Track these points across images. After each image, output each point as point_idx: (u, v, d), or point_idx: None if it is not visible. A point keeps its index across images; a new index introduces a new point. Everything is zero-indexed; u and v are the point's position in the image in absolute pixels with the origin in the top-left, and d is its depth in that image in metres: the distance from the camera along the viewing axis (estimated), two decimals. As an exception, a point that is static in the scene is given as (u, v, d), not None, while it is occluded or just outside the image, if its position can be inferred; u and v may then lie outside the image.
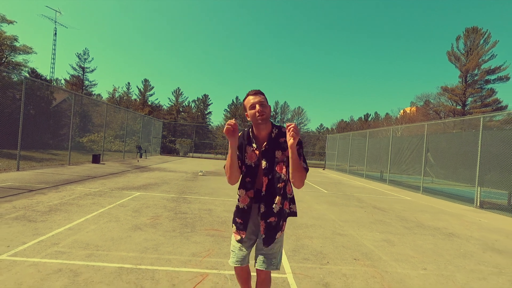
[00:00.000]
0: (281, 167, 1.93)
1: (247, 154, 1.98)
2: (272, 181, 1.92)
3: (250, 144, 1.98)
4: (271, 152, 1.93)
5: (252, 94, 1.93)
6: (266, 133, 1.94)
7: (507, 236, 5.83)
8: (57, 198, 5.95)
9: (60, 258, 3.14)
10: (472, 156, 9.70)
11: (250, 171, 1.98)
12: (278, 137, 1.94)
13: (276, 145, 1.93)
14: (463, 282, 3.39)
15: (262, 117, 1.86)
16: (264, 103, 1.90)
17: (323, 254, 3.96)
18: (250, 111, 1.91)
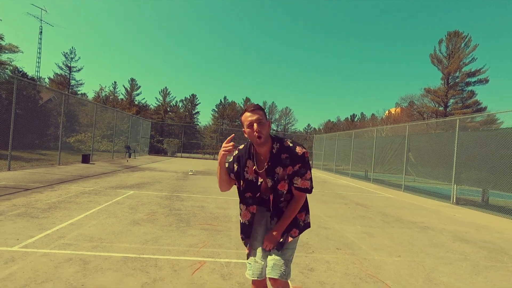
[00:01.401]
0: (283, 185, 1.84)
1: (247, 168, 1.89)
2: (276, 197, 1.87)
3: (250, 158, 1.89)
4: (273, 169, 1.82)
5: (249, 111, 1.80)
6: (266, 149, 1.83)
7: (476, 229, 6.36)
8: (54, 196, 6.15)
9: (68, 249, 3.41)
10: (449, 155, 10.30)
11: (250, 186, 1.89)
12: (280, 153, 1.82)
13: (278, 162, 1.81)
14: (431, 266, 3.83)
15: (260, 139, 1.75)
16: (263, 121, 1.77)
17: (309, 245, 4.34)
18: (247, 129, 1.79)
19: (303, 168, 1.82)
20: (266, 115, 1.84)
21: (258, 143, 1.77)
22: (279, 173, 1.82)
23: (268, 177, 1.83)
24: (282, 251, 1.86)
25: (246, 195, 1.92)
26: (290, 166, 1.81)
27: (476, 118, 29.57)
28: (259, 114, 1.78)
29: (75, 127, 26.51)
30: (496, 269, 3.93)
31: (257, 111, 1.80)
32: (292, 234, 1.91)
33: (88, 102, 31.29)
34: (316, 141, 28.98)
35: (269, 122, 1.83)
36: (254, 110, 1.79)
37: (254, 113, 1.78)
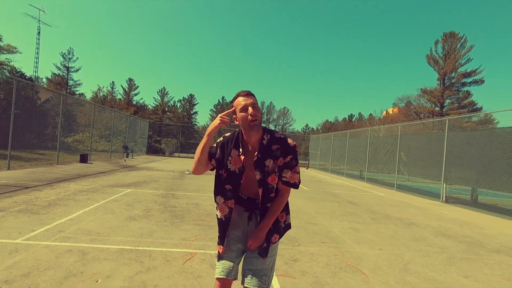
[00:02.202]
0: (273, 178, 1.74)
1: (231, 158, 1.76)
2: (266, 192, 1.74)
3: (236, 148, 1.77)
4: (262, 161, 1.71)
5: (243, 95, 1.72)
6: (256, 139, 1.73)
7: (460, 226, 6.62)
8: (53, 194, 6.37)
9: (68, 241, 3.65)
10: (438, 155, 10.57)
11: (231, 177, 1.77)
12: (270, 144, 1.73)
13: (268, 153, 1.71)
14: (409, 258, 4.09)
15: (254, 121, 1.66)
16: (257, 105, 1.70)
17: (296, 239, 4.59)
18: (240, 113, 1.69)
19: (294, 160, 1.74)
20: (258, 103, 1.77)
21: (252, 125, 1.66)
22: (269, 166, 1.71)
23: (257, 169, 1.71)
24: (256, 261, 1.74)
25: (226, 187, 1.77)
26: (281, 157, 1.71)
27: (472, 118, 29.99)
28: (253, 98, 1.72)
29: (73, 127, 26.69)
30: (470, 261, 4.19)
31: (250, 96, 1.73)
32: (273, 240, 1.80)
33: (86, 102, 31.45)
34: (312, 141, 29.27)
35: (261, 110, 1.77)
36: (247, 95, 1.72)
37: (248, 97, 1.71)
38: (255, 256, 1.75)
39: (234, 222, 1.84)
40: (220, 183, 1.80)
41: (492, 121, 29.95)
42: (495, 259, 4.36)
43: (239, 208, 1.85)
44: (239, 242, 1.82)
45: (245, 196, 1.84)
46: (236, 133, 1.81)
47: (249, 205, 1.83)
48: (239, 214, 1.85)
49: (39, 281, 2.62)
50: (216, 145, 1.84)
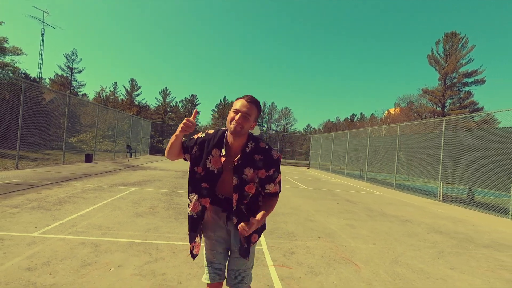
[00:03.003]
0: (251, 187, 1.72)
1: (212, 157, 1.72)
2: (241, 197, 1.73)
3: (219, 148, 1.73)
4: (241, 168, 1.69)
5: (246, 100, 1.66)
6: (240, 144, 1.71)
7: (454, 223, 6.85)
8: (62, 192, 6.65)
9: (80, 235, 3.92)
10: (436, 155, 10.80)
11: (209, 176, 1.73)
12: (253, 153, 1.69)
13: (249, 162, 1.69)
14: (400, 251, 4.33)
15: (235, 129, 1.63)
16: (248, 117, 1.63)
17: (294, 234, 4.84)
18: (231, 113, 1.67)
19: (276, 173, 1.74)
20: (258, 115, 1.73)
21: (232, 130, 1.63)
22: (247, 175, 1.70)
23: (235, 175, 1.70)
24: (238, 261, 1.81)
25: (202, 185, 1.74)
26: (263, 169, 1.70)
27: (474, 118, 30.15)
28: (251, 109, 1.65)
29: (76, 128, 27.04)
30: (458, 255, 4.43)
31: (252, 106, 1.66)
32: (253, 240, 1.80)
33: (90, 103, 31.82)
34: (313, 141, 29.51)
35: (254, 124, 1.71)
36: (250, 103, 1.66)
37: (248, 105, 1.65)
38: (237, 257, 1.79)
39: (214, 223, 1.81)
40: (195, 180, 1.76)
41: (494, 121, 30.14)
42: (483, 253, 4.60)
43: (216, 209, 1.80)
44: (223, 243, 1.82)
45: (222, 196, 1.79)
46: (221, 132, 1.77)
47: (226, 206, 1.78)
48: (217, 214, 1.81)
49: (58, 269, 2.89)
50: (195, 140, 1.80)
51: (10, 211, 4.79)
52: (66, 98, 14.61)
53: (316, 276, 3.23)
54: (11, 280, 2.61)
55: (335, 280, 3.16)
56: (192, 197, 1.77)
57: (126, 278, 2.83)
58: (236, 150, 1.72)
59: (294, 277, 3.17)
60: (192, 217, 1.78)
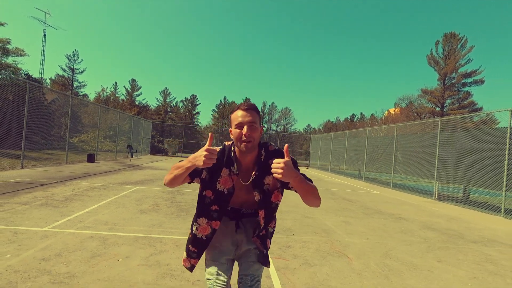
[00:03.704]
0: (276, 195, 1.63)
1: (221, 178, 1.58)
2: (270, 212, 1.64)
3: (228, 167, 1.58)
4: (261, 180, 1.58)
5: (243, 109, 1.51)
6: (252, 157, 1.57)
7: (447, 220, 7.07)
8: (68, 190, 6.89)
9: (88, 230, 4.15)
10: (431, 154, 11.02)
11: (220, 198, 1.60)
12: (267, 160, 1.56)
13: (266, 170, 1.54)
14: (392, 246, 4.56)
15: (248, 144, 1.47)
16: (255, 125, 1.49)
17: (291, 229, 5.07)
18: (235, 130, 1.49)
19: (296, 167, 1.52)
20: (260, 119, 1.59)
21: (245, 149, 1.47)
22: (269, 183, 1.59)
23: (256, 190, 1.57)
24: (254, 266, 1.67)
25: (212, 208, 1.61)
26: None
27: (474, 118, 30.37)
28: (252, 116, 1.49)
29: (78, 128, 27.29)
30: (447, 249, 4.65)
31: (251, 112, 1.50)
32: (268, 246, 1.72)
33: (91, 103, 32.06)
34: (312, 141, 29.75)
35: (261, 129, 1.56)
36: (248, 110, 1.50)
37: (247, 114, 1.49)
38: (253, 261, 1.67)
39: (220, 232, 1.68)
40: (206, 205, 1.62)
41: (494, 122, 30.35)
42: (471, 248, 4.83)
43: (223, 218, 1.68)
44: (228, 254, 1.67)
45: (228, 207, 1.66)
46: (228, 149, 1.61)
47: (234, 215, 1.69)
48: (224, 223, 1.69)
49: (71, 259, 3.12)
50: None
51: (20, 207, 5.02)
52: (68, 98, 14.86)
53: (310, 267, 3.45)
54: (29, 268, 2.84)
55: (328, 271, 3.39)
56: (201, 221, 1.64)
57: (134, 267, 3.06)
58: (249, 164, 1.58)
59: (290, 268, 3.40)
60: (201, 239, 1.64)
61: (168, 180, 1.53)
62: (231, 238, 1.69)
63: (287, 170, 1.32)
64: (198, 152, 1.36)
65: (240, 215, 1.69)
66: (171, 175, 1.50)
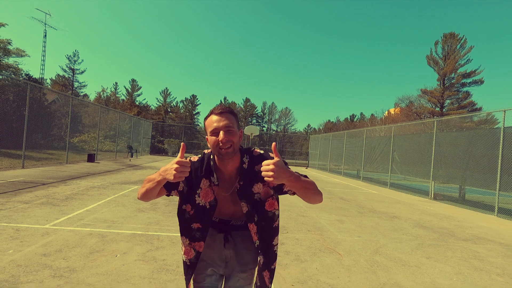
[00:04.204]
0: (272, 203, 1.46)
1: (201, 191, 1.41)
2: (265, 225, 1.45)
3: (208, 177, 1.42)
4: (248, 189, 1.42)
5: (216, 114, 1.36)
6: (233, 164, 1.41)
7: (440, 219, 7.20)
8: (68, 190, 7.02)
9: (88, 227, 4.28)
10: (427, 154, 11.15)
11: (202, 213, 1.42)
12: (253, 166, 1.42)
13: (253, 177, 1.41)
14: (382, 243, 4.69)
15: (227, 150, 1.32)
16: (232, 129, 1.34)
17: (285, 227, 5.20)
18: (211, 137, 1.35)
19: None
20: (238, 122, 1.42)
21: (224, 155, 1.33)
22: (260, 192, 1.43)
23: (243, 200, 1.41)
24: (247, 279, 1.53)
25: (193, 226, 1.44)
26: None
27: (474, 118, 30.49)
28: (228, 119, 1.35)
29: (78, 128, 27.45)
30: (437, 247, 4.78)
31: (226, 115, 1.36)
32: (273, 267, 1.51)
33: (91, 104, 32.21)
34: (312, 141, 29.88)
35: (241, 132, 1.41)
36: (222, 113, 1.35)
37: (222, 118, 1.34)
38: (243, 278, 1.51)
39: (207, 245, 1.50)
40: (185, 221, 1.46)
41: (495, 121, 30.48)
42: (460, 245, 4.96)
43: (211, 230, 1.50)
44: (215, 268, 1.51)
45: (216, 218, 1.50)
46: (207, 158, 1.46)
47: (222, 227, 1.50)
48: (212, 236, 1.50)
49: (70, 255, 3.25)
50: None
51: (21, 206, 5.16)
52: (69, 99, 15.00)
53: (301, 263, 3.59)
54: (30, 263, 2.98)
55: (318, 266, 3.52)
56: (183, 240, 1.49)
57: (131, 262, 3.19)
58: (230, 172, 1.43)
59: (281, 263, 3.53)
60: (185, 263, 1.50)
61: (140, 194, 1.38)
62: (219, 253, 1.50)
63: (278, 171, 1.18)
64: (169, 165, 1.23)
65: (229, 227, 1.50)
66: (143, 188, 1.36)
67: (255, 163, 1.42)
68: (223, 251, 1.49)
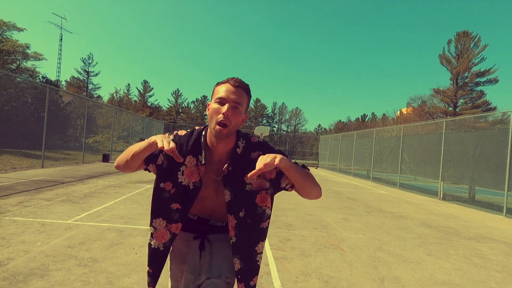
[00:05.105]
0: (264, 197, 1.30)
1: (185, 169, 1.27)
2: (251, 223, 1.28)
3: (195, 154, 1.28)
4: (238, 177, 1.27)
5: (232, 85, 1.22)
6: (226, 148, 1.28)
7: (446, 219, 7.29)
8: (86, 188, 7.39)
9: (106, 223, 4.59)
10: (437, 155, 11.18)
11: (184, 194, 1.28)
12: (248, 153, 1.30)
13: (246, 165, 1.26)
14: (386, 241, 4.86)
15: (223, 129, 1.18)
16: (239, 108, 1.21)
17: (292, 225, 5.42)
18: (213, 104, 1.22)
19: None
20: (248, 104, 1.30)
21: (216, 134, 1.19)
22: (252, 183, 1.28)
23: (227, 188, 1.27)
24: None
25: (172, 207, 1.28)
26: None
27: (488, 118, 29.99)
28: (241, 96, 1.22)
29: (92, 129, 28.19)
30: (439, 245, 4.92)
31: (241, 91, 1.22)
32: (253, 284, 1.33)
33: (105, 105, 33.01)
34: (322, 142, 29.94)
35: (245, 117, 1.30)
36: (238, 87, 1.22)
37: (236, 90, 1.21)
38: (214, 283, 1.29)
39: (179, 256, 1.37)
40: (162, 201, 1.30)
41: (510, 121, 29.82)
42: (463, 244, 5.08)
43: (186, 235, 1.36)
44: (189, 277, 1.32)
45: (194, 216, 1.36)
46: (197, 133, 1.33)
47: (199, 229, 1.35)
48: (186, 244, 1.36)
49: (92, 247, 3.55)
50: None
51: (44, 203, 5.52)
52: (83, 100, 15.53)
53: (306, 258, 3.80)
54: (57, 254, 3.28)
55: (321, 261, 3.73)
56: (157, 223, 1.31)
57: (147, 255, 3.46)
58: (221, 154, 1.29)
59: (287, 257, 3.75)
60: (157, 250, 1.31)
61: (120, 160, 1.26)
62: (193, 264, 1.32)
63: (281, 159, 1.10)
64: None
65: (208, 228, 1.35)
66: (125, 153, 1.23)
67: (252, 150, 1.30)
68: (198, 262, 1.32)
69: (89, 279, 2.77)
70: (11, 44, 20.19)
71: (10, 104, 16.99)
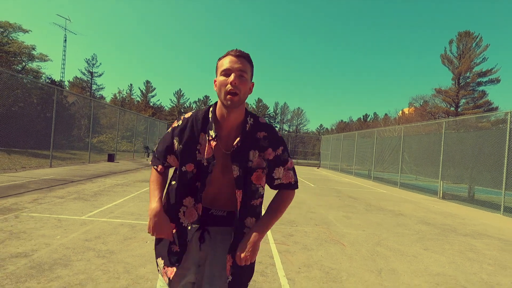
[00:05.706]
0: (259, 176, 1.34)
1: (200, 146, 1.31)
2: (249, 195, 1.33)
3: (205, 130, 1.31)
4: (246, 153, 1.30)
5: (233, 55, 1.25)
6: (236, 121, 1.31)
7: (444, 217, 7.50)
8: (95, 187, 7.65)
9: (118, 219, 4.84)
10: (436, 154, 11.37)
11: (202, 171, 1.31)
12: (255, 131, 1.33)
13: (253, 142, 1.31)
14: (384, 236, 5.08)
15: (234, 97, 1.21)
16: (245, 75, 1.24)
17: (295, 222, 5.65)
18: (220, 77, 1.24)
19: (286, 153, 1.37)
20: (252, 72, 1.32)
21: (229, 103, 1.21)
22: (253, 160, 1.31)
23: (235, 163, 1.29)
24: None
25: (197, 184, 1.32)
26: (269, 148, 1.34)
27: (491, 118, 30.10)
28: (244, 64, 1.25)
29: (96, 129, 28.51)
30: (436, 241, 5.14)
31: (243, 60, 1.25)
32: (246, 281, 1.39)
33: (109, 106, 33.33)
34: (323, 142, 30.14)
35: (252, 85, 1.32)
36: (239, 57, 1.25)
37: (237, 60, 1.24)
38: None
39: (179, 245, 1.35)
40: (188, 181, 1.33)
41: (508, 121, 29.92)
42: (458, 240, 5.29)
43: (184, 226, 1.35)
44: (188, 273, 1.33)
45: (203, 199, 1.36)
46: (203, 111, 1.36)
47: (200, 219, 1.34)
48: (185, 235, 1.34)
49: (108, 241, 3.79)
50: (171, 133, 1.38)
51: (58, 200, 5.77)
52: (87, 101, 15.80)
53: (308, 251, 4.03)
54: (76, 246, 3.52)
55: (323, 254, 3.96)
56: (187, 201, 1.33)
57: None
58: (230, 129, 1.32)
59: (290, 251, 3.98)
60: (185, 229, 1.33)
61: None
62: (192, 256, 1.33)
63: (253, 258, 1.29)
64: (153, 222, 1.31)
65: (209, 218, 1.35)
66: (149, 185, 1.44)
67: (258, 130, 1.34)
68: (198, 254, 1.33)
69: (108, 268, 3.01)
70: (17, 45, 20.52)
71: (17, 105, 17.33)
